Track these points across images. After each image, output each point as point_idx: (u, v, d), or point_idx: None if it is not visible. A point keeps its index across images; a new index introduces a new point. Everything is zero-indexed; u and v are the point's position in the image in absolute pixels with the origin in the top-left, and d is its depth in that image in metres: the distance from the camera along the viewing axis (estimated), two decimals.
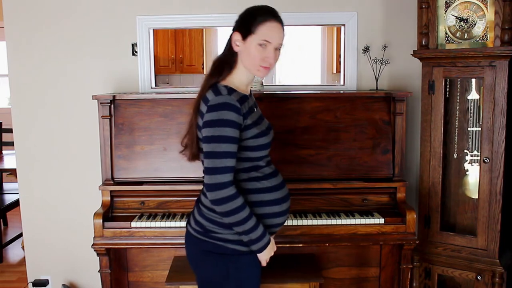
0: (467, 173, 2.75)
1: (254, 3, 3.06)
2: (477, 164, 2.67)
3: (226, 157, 1.71)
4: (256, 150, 1.81)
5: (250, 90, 1.99)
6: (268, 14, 1.82)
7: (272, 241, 1.89)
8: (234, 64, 1.85)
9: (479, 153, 2.65)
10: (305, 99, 2.73)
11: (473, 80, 2.67)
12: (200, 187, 1.93)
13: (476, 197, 2.67)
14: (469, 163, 2.73)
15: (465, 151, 2.73)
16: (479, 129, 2.64)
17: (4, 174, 5.05)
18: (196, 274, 1.96)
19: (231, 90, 1.77)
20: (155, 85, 3.11)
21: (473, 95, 2.70)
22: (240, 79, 1.86)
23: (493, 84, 2.52)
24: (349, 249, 2.90)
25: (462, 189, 2.80)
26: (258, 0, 2.96)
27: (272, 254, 1.90)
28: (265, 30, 1.79)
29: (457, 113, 2.75)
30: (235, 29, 1.85)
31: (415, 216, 2.56)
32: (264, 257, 1.87)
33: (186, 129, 1.91)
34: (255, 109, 1.90)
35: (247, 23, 1.80)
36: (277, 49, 1.83)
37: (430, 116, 2.71)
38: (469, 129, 2.73)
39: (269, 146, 1.87)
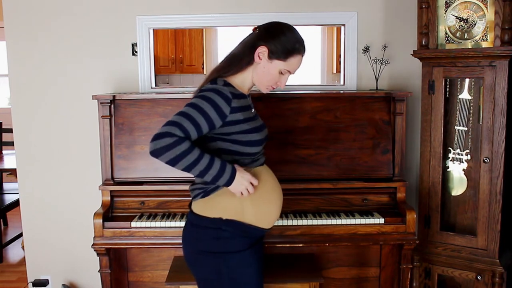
0: (448, 169, 2.77)
1: (253, 3, 3.07)
2: (459, 162, 2.72)
3: (190, 122, 1.70)
4: (245, 145, 1.82)
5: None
6: (302, 48, 1.85)
7: (241, 170, 1.77)
8: (244, 68, 1.87)
9: (462, 152, 2.70)
10: (305, 99, 2.73)
11: (467, 80, 2.68)
12: None
13: (457, 194, 2.75)
14: (451, 160, 2.75)
15: (449, 148, 2.75)
16: (465, 128, 2.69)
17: (4, 174, 5.05)
18: (194, 274, 1.97)
19: (227, 84, 1.82)
20: (155, 85, 3.11)
21: (465, 95, 2.70)
22: (243, 82, 1.89)
23: (493, 84, 2.52)
24: (349, 249, 2.90)
25: (447, 187, 2.81)
26: (262, 1, 2.97)
27: (246, 183, 1.78)
28: (293, 62, 1.84)
29: (457, 113, 2.75)
30: (263, 40, 1.82)
31: (415, 216, 2.56)
32: (237, 188, 1.77)
33: None
34: (253, 110, 1.94)
35: (282, 48, 1.81)
36: None
37: (430, 116, 2.71)
38: (455, 127, 2.74)
39: (259, 144, 1.86)
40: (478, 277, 2.65)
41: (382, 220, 2.56)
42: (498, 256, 2.60)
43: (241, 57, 1.86)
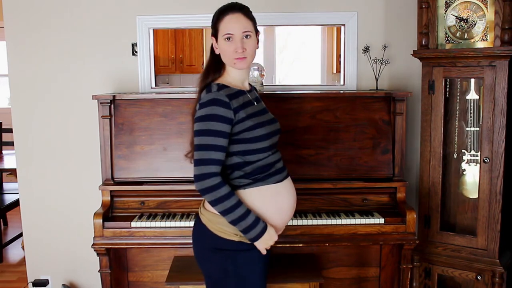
0: (464, 172, 2.75)
1: (253, 3, 3.07)
2: (475, 164, 2.67)
3: (212, 149, 1.77)
4: (251, 142, 1.83)
5: (252, 86, 2.05)
6: (226, 9, 1.89)
7: (271, 230, 1.85)
8: (222, 65, 1.93)
9: (477, 153, 2.65)
10: (305, 99, 2.73)
11: (472, 80, 2.67)
12: None
13: (475, 197, 2.67)
14: (466, 162, 2.73)
15: (463, 150, 2.73)
16: (478, 129, 2.65)
17: (4, 174, 5.05)
18: (202, 270, 1.99)
19: (222, 87, 1.85)
20: (155, 85, 3.11)
21: (472, 95, 2.70)
22: (232, 77, 1.93)
23: (493, 84, 2.52)
24: (349, 249, 2.90)
25: (460, 189, 2.80)
26: (261, 2, 2.97)
27: (271, 243, 1.87)
28: (225, 25, 1.87)
29: (457, 113, 2.75)
30: (212, 34, 1.94)
31: (415, 216, 2.56)
32: (261, 246, 1.85)
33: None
34: (255, 103, 1.93)
35: (213, 24, 1.91)
36: (248, 37, 1.88)
37: (430, 116, 2.71)
38: (467, 129, 2.73)
39: (266, 138, 1.86)
40: (478, 277, 2.65)
41: (382, 220, 2.56)
42: (498, 256, 2.60)
43: (210, 60, 1.96)
